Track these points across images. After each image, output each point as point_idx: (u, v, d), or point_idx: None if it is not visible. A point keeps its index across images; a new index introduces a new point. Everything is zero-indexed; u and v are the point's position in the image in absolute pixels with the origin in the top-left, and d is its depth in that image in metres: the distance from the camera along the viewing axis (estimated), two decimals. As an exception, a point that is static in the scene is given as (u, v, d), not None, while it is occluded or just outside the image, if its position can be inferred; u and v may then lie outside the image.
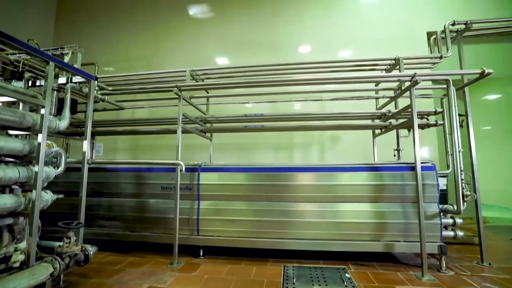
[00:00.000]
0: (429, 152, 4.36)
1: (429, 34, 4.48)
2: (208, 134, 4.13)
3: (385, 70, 3.55)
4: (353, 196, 2.86)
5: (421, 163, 2.67)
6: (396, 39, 4.70)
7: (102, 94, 3.02)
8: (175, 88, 2.86)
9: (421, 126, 3.40)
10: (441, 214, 2.74)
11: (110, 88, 3.34)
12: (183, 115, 3.02)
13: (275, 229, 2.90)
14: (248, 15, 5.37)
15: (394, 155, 3.86)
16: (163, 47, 5.58)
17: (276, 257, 2.98)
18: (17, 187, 1.98)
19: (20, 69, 2.13)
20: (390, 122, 3.44)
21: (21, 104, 2.24)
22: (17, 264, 1.92)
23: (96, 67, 4.27)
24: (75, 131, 4.00)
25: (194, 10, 5.64)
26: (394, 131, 3.76)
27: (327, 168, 2.93)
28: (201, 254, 3.01)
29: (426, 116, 3.44)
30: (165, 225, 3.07)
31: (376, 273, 2.56)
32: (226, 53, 5.33)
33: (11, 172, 1.86)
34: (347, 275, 2.50)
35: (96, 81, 2.61)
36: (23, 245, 1.98)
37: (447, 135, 3.26)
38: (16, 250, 1.91)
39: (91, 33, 5.96)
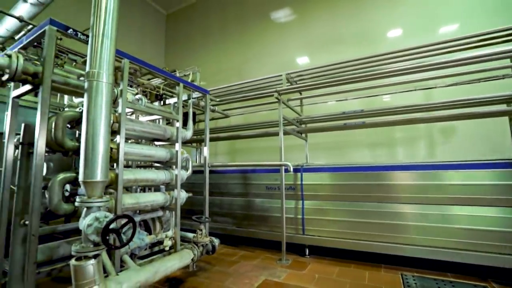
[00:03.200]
0: None
1: None
2: (303, 135, 4.17)
3: (527, 40, 2.80)
4: (489, 198, 2.36)
5: None
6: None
7: (212, 105, 3.47)
8: (276, 93, 3.02)
9: None
10: None
11: (218, 100, 3.80)
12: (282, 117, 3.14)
13: (386, 233, 2.68)
14: (330, 11, 5.20)
15: (546, 147, 3.00)
16: (250, 54, 5.98)
17: (387, 263, 2.75)
18: (163, 186, 2.47)
19: (161, 91, 2.68)
20: (541, 105, 2.69)
21: (160, 120, 2.80)
22: (167, 248, 2.40)
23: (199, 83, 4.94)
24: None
25: (276, 15, 5.84)
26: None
27: (454, 165, 2.50)
28: (307, 253, 3.06)
29: None
30: (270, 222, 3.26)
31: (537, 298, 2.04)
32: (310, 52, 5.30)
33: (162, 175, 2.34)
34: (491, 294, 2.08)
35: (209, 95, 3.00)
36: (169, 233, 2.45)
37: None
38: (166, 236, 2.38)
39: (190, 53, 6.97)
